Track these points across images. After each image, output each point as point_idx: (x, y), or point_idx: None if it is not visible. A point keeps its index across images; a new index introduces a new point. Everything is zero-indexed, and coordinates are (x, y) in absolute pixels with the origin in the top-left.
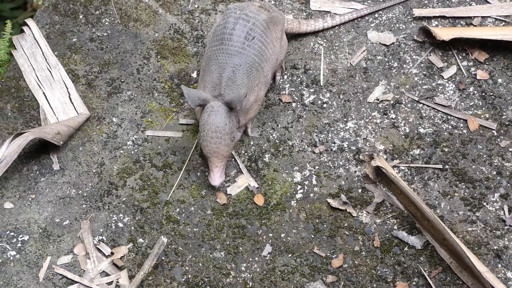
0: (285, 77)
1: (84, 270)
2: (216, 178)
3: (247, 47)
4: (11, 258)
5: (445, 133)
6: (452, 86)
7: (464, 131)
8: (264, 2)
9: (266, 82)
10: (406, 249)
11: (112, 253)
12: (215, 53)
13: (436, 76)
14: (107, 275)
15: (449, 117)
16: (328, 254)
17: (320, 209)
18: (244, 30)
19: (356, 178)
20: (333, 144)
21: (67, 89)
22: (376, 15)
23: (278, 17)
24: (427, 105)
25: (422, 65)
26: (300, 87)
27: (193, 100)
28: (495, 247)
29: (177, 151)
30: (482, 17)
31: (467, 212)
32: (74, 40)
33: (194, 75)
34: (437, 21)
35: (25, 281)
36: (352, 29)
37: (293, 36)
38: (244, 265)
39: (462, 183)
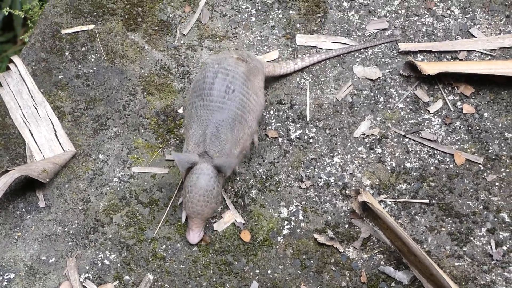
0: (271, 112)
1: None
2: (195, 236)
3: (228, 100)
4: None
5: (432, 168)
6: (438, 120)
7: (451, 165)
8: (242, 52)
9: (251, 133)
10: (393, 284)
11: None
12: (196, 110)
13: (422, 111)
14: None
15: (435, 152)
16: None
17: (307, 244)
18: (224, 83)
19: (343, 213)
20: (319, 179)
21: (53, 126)
22: (362, 50)
23: (257, 67)
24: (413, 140)
25: (408, 99)
26: (286, 122)
27: (183, 165)
28: (482, 282)
29: (163, 188)
30: (468, 51)
31: (454, 247)
32: (60, 77)
33: (181, 111)
34: (423, 55)
35: None
36: (338, 64)
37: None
38: None
39: (449, 218)
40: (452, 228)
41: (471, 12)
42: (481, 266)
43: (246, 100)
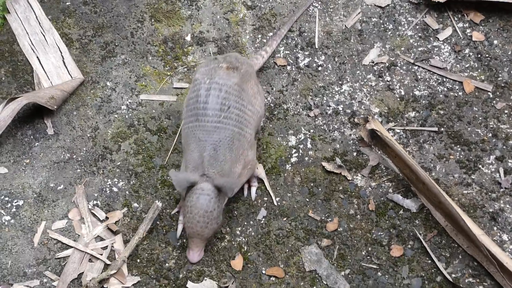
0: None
1: (79, 235)
2: (195, 256)
3: (224, 119)
4: (6, 223)
5: (441, 96)
6: (447, 48)
7: (460, 93)
8: (230, 57)
9: (252, 145)
10: (401, 212)
11: (107, 218)
12: (192, 131)
13: (431, 38)
14: (102, 239)
15: (444, 79)
16: (323, 218)
17: (315, 172)
18: (218, 101)
19: (351, 141)
20: (328, 107)
21: (61, 53)
22: None
23: (248, 71)
24: (422, 67)
25: (417, 27)
26: (294, 50)
27: (182, 185)
28: (491, 210)
29: (172, 115)
30: None
31: (462, 175)
32: (67, 3)
33: (188, 38)
34: None
35: (20, 246)
36: None
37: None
38: (239, 229)
39: (458, 146)
40: (461, 156)
41: None
42: (490, 194)
43: (243, 114)
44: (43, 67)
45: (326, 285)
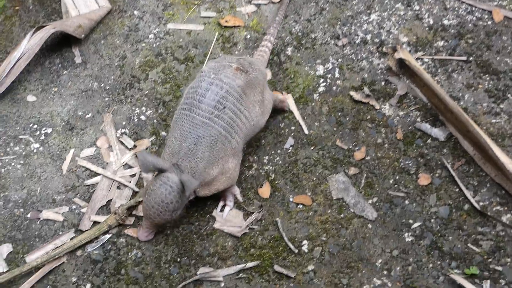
0: None
1: (107, 163)
2: (143, 236)
3: (215, 117)
4: (35, 151)
5: (470, 25)
6: None
7: (489, 22)
8: (244, 60)
9: (235, 153)
10: (429, 141)
11: (135, 146)
12: (181, 118)
13: None
14: (130, 167)
15: (473, 9)
16: (351, 147)
17: (342, 102)
18: (215, 98)
19: (379, 71)
20: (356, 37)
21: None
22: None
23: (257, 78)
24: None
25: None
26: None
27: (146, 167)
28: None
29: (199, 44)
30: None
31: (491, 104)
32: None
33: None
34: None
35: (48, 173)
36: None
37: None
38: (267, 157)
39: (486, 75)
40: (490, 85)
41: None
42: None
43: (236, 119)
44: None
45: (353, 213)
